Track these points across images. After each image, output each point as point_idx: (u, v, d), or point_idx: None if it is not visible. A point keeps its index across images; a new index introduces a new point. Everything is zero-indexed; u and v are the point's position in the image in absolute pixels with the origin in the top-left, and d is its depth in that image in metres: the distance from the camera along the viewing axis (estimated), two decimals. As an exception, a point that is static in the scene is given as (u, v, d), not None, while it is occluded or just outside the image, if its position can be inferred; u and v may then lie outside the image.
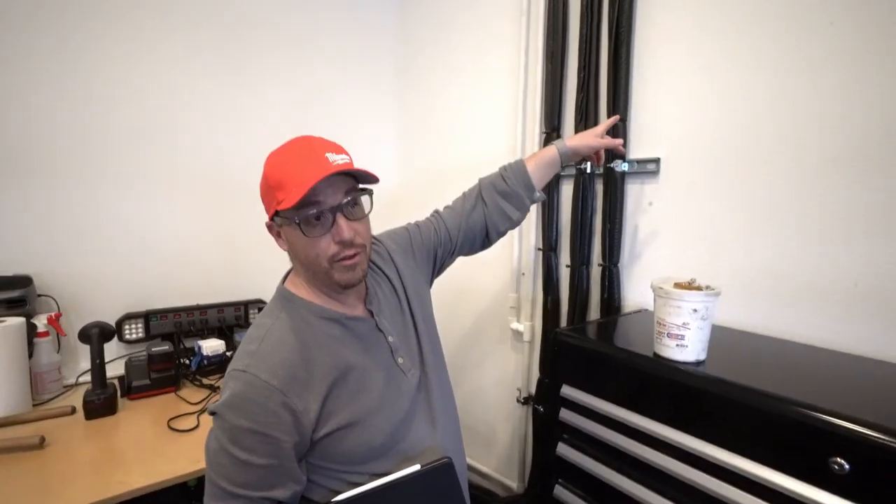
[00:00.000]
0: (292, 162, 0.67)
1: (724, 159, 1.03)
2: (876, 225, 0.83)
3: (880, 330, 0.83)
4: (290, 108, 1.77)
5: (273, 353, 0.67)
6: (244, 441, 0.62)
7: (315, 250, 0.68)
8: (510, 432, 1.60)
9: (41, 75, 1.33)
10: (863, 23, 0.83)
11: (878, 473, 0.57)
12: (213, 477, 0.64)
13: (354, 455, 0.70)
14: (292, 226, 0.68)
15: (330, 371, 0.69)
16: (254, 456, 0.62)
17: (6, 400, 1.13)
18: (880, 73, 0.82)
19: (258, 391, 0.63)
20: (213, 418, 0.65)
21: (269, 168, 0.69)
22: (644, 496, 0.80)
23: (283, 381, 0.65)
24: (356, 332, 0.75)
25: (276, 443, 0.63)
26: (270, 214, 0.71)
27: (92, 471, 0.96)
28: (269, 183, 0.68)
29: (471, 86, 1.67)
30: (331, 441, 0.68)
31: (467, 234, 0.95)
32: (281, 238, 0.73)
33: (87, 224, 1.42)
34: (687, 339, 0.78)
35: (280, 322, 0.71)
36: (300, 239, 0.68)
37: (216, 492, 0.63)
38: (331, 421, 0.68)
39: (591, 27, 1.24)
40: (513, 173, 0.97)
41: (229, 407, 0.63)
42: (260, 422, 0.63)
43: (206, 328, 1.57)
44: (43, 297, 1.34)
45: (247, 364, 0.65)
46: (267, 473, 0.63)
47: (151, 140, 1.50)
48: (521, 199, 0.97)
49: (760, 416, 0.67)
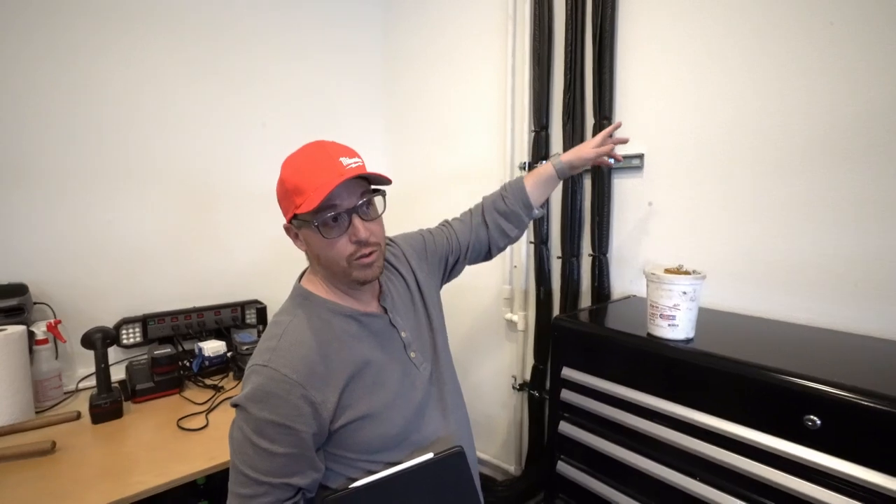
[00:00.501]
0: (309, 167, 0.70)
1: (703, 154, 1.12)
2: (843, 213, 0.92)
3: (848, 305, 0.93)
4: (280, 115, 1.79)
5: (292, 349, 0.70)
6: (267, 432, 0.66)
7: (334, 251, 0.72)
8: (507, 418, 1.67)
9: (35, 85, 1.32)
10: (835, 20, 0.92)
11: (845, 427, 0.65)
12: (237, 464, 0.67)
13: (370, 445, 0.74)
14: (311, 228, 0.71)
15: (347, 366, 0.73)
16: (276, 445, 0.66)
17: (11, 408, 1.13)
18: (845, 65, 0.91)
19: (279, 385, 0.67)
20: (237, 410, 0.69)
21: (286, 173, 0.72)
22: (640, 463, 0.88)
23: (303, 375, 0.68)
24: (371, 327, 0.79)
25: (297, 433, 0.67)
26: (289, 217, 0.74)
27: (107, 473, 0.98)
28: (286, 187, 0.72)
29: (460, 87, 1.72)
30: (348, 431, 0.72)
31: (473, 247, 1.02)
32: (299, 239, 0.77)
33: (80, 231, 1.41)
34: (678, 319, 0.85)
35: (298, 319, 0.74)
36: (319, 240, 0.72)
37: (241, 479, 0.67)
38: (348, 412, 0.72)
39: (575, 31, 1.30)
40: (512, 193, 1.03)
41: (252, 400, 0.67)
42: (281, 414, 0.66)
43: (203, 330, 1.58)
44: (38, 304, 1.33)
45: (268, 359, 0.69)
46: (288, 462, 0.67)
47: (142, 146, 1.50)
48: (520, 218, 1.03)
49: (742, 382, 0.75)
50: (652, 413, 0.86)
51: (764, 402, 0.73)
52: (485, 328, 1.72)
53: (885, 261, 0.88)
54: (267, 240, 1.73)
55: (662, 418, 0.85)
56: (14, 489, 0.92)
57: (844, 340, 0.89)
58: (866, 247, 0.90)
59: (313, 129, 1.87)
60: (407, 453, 0.78)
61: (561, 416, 1.05)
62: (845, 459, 0.65)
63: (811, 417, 0.67)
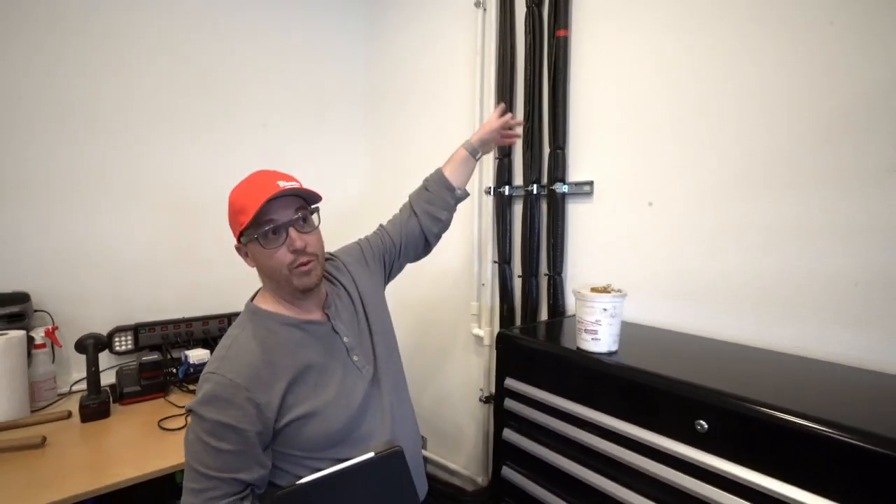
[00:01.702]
0: (250, 190, 0.82)
1: (644, 182, 1.22)
2: (759, 237, 1.01)
3: (755, 321, 1.02)
4: (264, 134, 1.93)
5: (238, 357, 0.80)
6: (216, 431, 0.75)
7: (274, 260, 0.82)
8: (475, 430, 1.74)
9: (35, 103, 1.45)
10: (762, 60, 1.03)
11: (729, 430, 0.73)
12: (190, 462, 0.76)
13: (315, 442, 0.83)
14: (254, 242, 0.82)
15: (289, 370, 0.82)
16: (223, 443, 0.75)
17: (9, 405, 1.24)
18: (763, 105, 1.01)
19: (226, 389, 0.76)
20: (191, 414, 0.78)
21: (232, 197, 0.85)
22: (571, 468, 0.96)
23: (247, 379, 0.78)
24: (315, 333, 0.89)
25: (242, 433, 0.76)
26: (237, 236, 0.85)
27: (89, 466, 1.08)
28: (234, 209, 0.83)
29: (432, 115, 1.87)
30: (293, 429, 0.81)
31: (408, 241, 1.11)
32: (248, 257, 0.87)
33: (78, 243, 1.54)
34: (600, 334, 0.94)
35: (245, 331, 0.84)
36: (262, 252, 0.82)
37: (193, 475, 0.76)
38: (291, 412, 0.81)
39: (534, 67, 1.42)
40: (433, 180, 1.14)
41: (203, 403, 0.76)
42: (229, 415, 0.75)
43: (191, 339, 1.69)
44: (39, 311, 1.45)
45: (216, 367, 0.79)
46: (235, 458, 0.76)
47: (136, 164, 1.63)
48: (445, 200, 1.12)
49: (647, 390, 0.83)
50: (578, 420, 0.94)
51: (662, 408, 0.81)
52: (454, 343, 1.81)
53: (787, 280, 0.97)
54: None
55: (587, 425, 0.93)
56: (5, 477, 1.03)
57: (748, 354, 0.98)
58: (780, 267, 0.99)
59: (298, 155, 2.02)
60: (351, 450, 0.86)
61: (505, 424, 1.13)
62: (728, 460, 0.73)
63: (700, 422, 0.76)
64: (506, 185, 1.54)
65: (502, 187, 1.54)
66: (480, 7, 1.60)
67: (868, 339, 0.89)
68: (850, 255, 0.90)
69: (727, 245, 1.07)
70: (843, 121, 0.90)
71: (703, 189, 1.10)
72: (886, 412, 0.71)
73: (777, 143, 0.98)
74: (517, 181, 1.53)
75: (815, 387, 0.82)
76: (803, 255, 0.96)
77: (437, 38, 1.83)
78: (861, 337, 0.89)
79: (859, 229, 0.89)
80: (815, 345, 0.94)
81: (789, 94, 0.96)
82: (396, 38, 2.05)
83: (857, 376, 0.85)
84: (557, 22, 1.35)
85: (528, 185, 1.44)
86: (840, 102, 0.90)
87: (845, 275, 0.91)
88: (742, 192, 1.04)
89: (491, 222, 1.61)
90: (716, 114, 1.07)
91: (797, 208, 0.96)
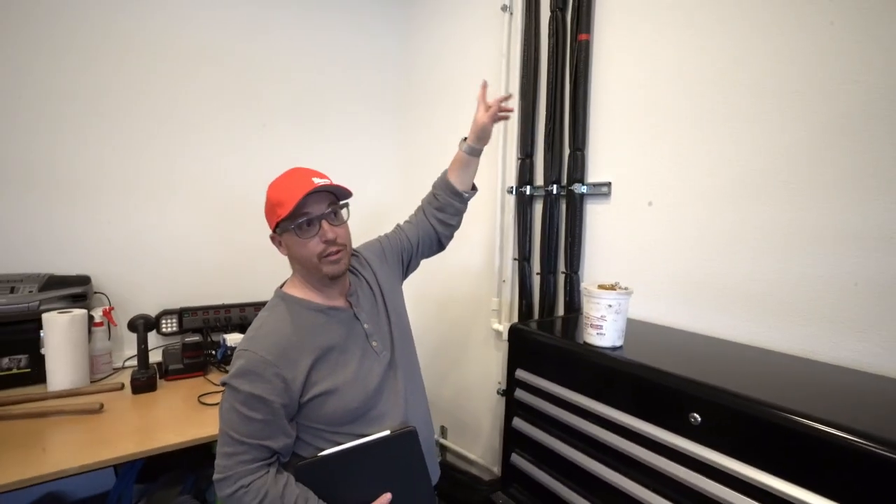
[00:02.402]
0: (287, 185, 0.91)
1: (658, 184, 1.24)
2: (766, 242, 1.02)
3: (755, 322, 1.04)
4: (299, 136, 2.05)
5: (268, 336, 0.89)
6: (247, 402, 0.84)
7: (307, 249, 0.91)
8: (492, 421, 1.80)
9: (89, 110, 1.61)
10: (757, 78, 1.04)
11: (721, 423, 0.76)
12: (224, 428, 0.86)
13: (334, 417, 0.91)
14: (290, 232, 0.91)
15: (314, 350, 0.91)
16: (254, 413, 0.84)
17: (73, 375, 1.40)
18: (761, 111, 1.02)
19: (257, 364, 0.85)
20: (226, 387, 0.87)
21: (270, 192, 0.93)
22: (574, 456, 1.00)
23: (276, 356, 0.87)
24: (337, 318, 0.97)
25: (270, 404, 0.85)
26: (273, 227, 0.94)
27: (139, 430, 1.21)
28: (272, 202, 0.92)
29: (459, 117, 1.92)
30: (315, 404, 0.90)
31: (423, 241, 1.19)
32: (282, 246, 0.96)
33: (134, 234, 1.70)
34: (605, 329, 0.98)
35: (274, 314, 0.94)
36: (296, 241, 0.91)
37: (226, 440, 0.85)
38: (314, 388, 0.89)
39: (556, 70, 1.46)
40: (440, 188, 1.19)
41: (236, 376, 0.85)
42: (259, 387, 0.84)
43: (229, 324, 1.82)
44: (97, 293, 1.62)
45: (248, 345, 0.88)
46: (263, 427, 0.85)
47: (185, 164, 1.78)
48: (454, 206, 1.19)
49: (645, 383, 0.87)
50: (582, 410, 0.99)
51: (659, 401, 0.85)
52: (474, 337, 1.87)
53: (784, 284, 0.98)
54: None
55: (590, 416, 0.97)
56: (70, 435, 1.17)
57: (744, 352, 1.00)
58: (778, 272, 1.00)
59: (332, 157, 2.13)
60: (367, 427, 0.94)
61: (515, 413, 1.18)
62: (719, 451, 0.75)
63: (694, 415, 0.79)
64: (527, 184, 1.58)
65: (523, 187, 1.59)
66: (507, 11, 1.65)
67: (860, 341, 0.89)
68: (855, 258, 0.90)
69: (740, 248, 1.07)
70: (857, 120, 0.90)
71: (717, 192, 1.11)
72: (867, 408, 0.72)
73: (798, 142, 0.99)
74: (538, 181, 1.57)
75: (805, 385, 0.83)
76: (816, 259, 0.96)
77: (465, 42, 1.89)
78: (853, 339, 0.90)
79: (877, 235, 0.89)
80: (814, 346, 0.95)
81: (805, 94, 0.97)
82: (426, 43, 2.12)
83: (843, 376, 0.86)
84: (580, 26, 1.38)
85: (549, 186, 1.48)
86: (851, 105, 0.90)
87: (845, 277, 0.91)
88: (758, 195, 1.04)
89: (512, 221, 1.65)
90: (734, 116, 1.08)
91: (809, 212, 0.97)
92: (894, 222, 0.86)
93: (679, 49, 1.18)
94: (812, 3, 0.95)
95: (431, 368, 2.05)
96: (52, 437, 1.16)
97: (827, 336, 0.94)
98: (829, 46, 0.93)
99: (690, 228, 1.17)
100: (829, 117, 0.93)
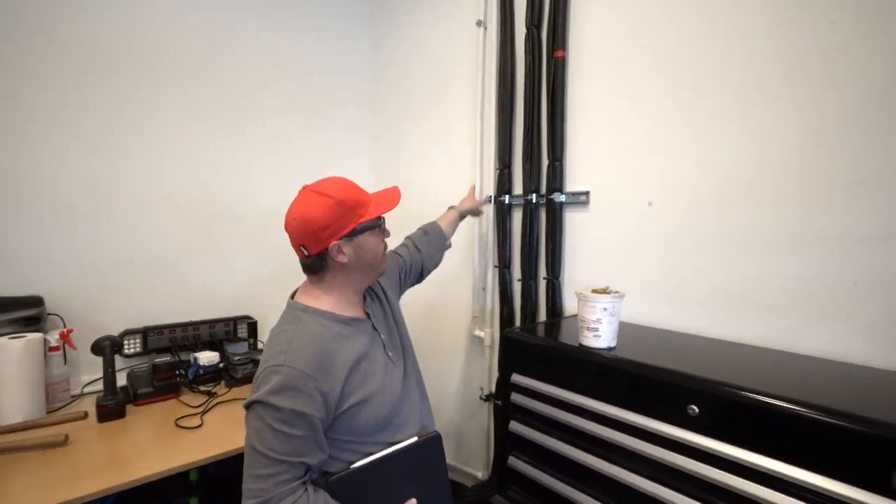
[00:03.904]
0: (357, 189, 0.95)
1: (635, 192, 1.33)
2: (745, 242, 1.13)
3: (737, 320, 1.13)
4: (272, 149, 1.99)
5: (302, 350, 0.86)
6: (287, 419, 0.80)
7: (380, 248, 0.97)
8: (475, 427, 1.82)
9: (47, 113, 1.49)
10: (747, 83, 1.15)
11: (718, 413, 0.83)
12: (258, 449, 0.80)
13: (365, 427, 0.90)
14: (374, 231, 0.95)
15: (347, 361, 0.89)
16: (294, 429, 0.81)
17: (28, 406, 1.27)
18: (744, 127, 1.13)
19: (296, 379, 0.82)
20: (255, 406, 0.82)
21: (342, 195, 0.90)
22: (576, 455, 1.04)
23: (314, 369, 0.84)
24: (360, 329, 0.97)
25: (311, 419, 0.82)
26: (348, 230, 0.90)
27: (114, 461, 1.12)
28: (348, 205, 0.90)
29: (436, 131, 1.96)
30: (348, 415, 0.88)
31: (414, 267, 1.27)
32: (342, 253, 0.92)
33: (88, 250, 1.57)
34: (601, 331, 1.04)
35: (301, 327, 0.90)
36: (374, 242, 0.95)
37: (261, 461, 0.80)
38: (350, 398, 0.88)
39: (534, 85, 1.53)
40: (432, 230, 1.37)
41: (274, 393, 0.81)
42: (299, 402, 0.81)
43: (198, 342, 1.73)
44: (51, 315, 1.48)
45: (283, 359, 0.84)
46: (303, 443, 0.82)
47: (145, 174, 1.67)
48: (441, 245, 1.37)
49: (645, 380, 0.93)
50: (582, 410, 1.04)
51: (658, 395, 0.91)
52: (456, 344, 1.89)
53: (772, 284, 1.09)
54: (259, 261, 1.91)
55: (590, 414, 1.02)
56: (35, 473, 1.06)
57: (732, 349, 1.09)
58: (760, 272, 1.11)
59: (307, 164, 2.09)
60: (392, 434, 0.94)
61: (511, 417, 1.22)
62: (718, 439, 0.82)
63: (692, 406, 0.86)
64: (506, 193, 1.64)
65: (503, 196, 1.64)
66: (482, 27, 1.71)
67: (841, 334, 1.01)
68: (837, 260, 1.00)
69: (712, 250, 1.18)
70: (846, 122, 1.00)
71: (691, 199, 1.22)
72: (847, 392, 0.82)
73: (763, 157, 1.10)
74: (517, 190, 1.63)
75: (793, 375, 0.93)
76: (785, 259, 1.07)
77: (440, 52, 1.92)
78: (838, 333, 1.01)
79: (854, 236, 0.99)
80: (794, 340, 1.06)
81: (782, 104, 1.06)
82: (401, 48, 2.13)
83: (829, 367, 0.97)
84: (556, 43, 1.46)
85: (528, 195, 1.54)
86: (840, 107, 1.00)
87: (826, 277, 1.02)
88: (726, 201, 1.15)
89: (492, 229, 1.70)
90: (705, 129, 1.18)
91: (778, 217, 1.08)
92: (882, 224, 0.95)
93: (655, 63, 1.28)
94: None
95: (410, 378, 2.04)
96: (12, 478, 1.05)
97: (809, 330, 1.04)
98: (827, 45, 1.00)
99: (670, 234, 1.26)
100: (808, 125, 1.03)
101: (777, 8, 1.06)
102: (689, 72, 1.21)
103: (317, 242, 0.91)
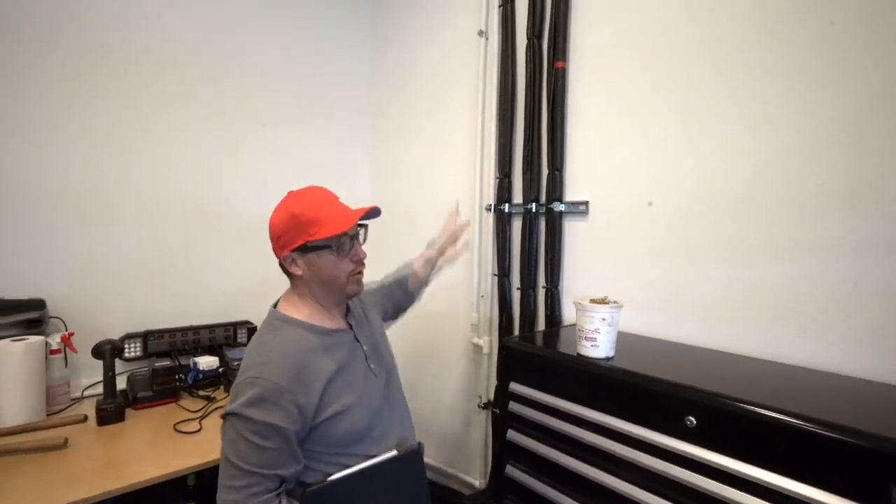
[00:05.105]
0: (323, 205, 0.92)
1: (633, 202, 1.33)
2: (744, 253, 1.13)
3: (735, 330, 1.13)
4: (273, 154, 2.02)
5: (279, 361, 0.86)
6: (261, 431, 0.81)
7: (340, 269, 0.93)
8: (473, 435, 1.82)
9: (50, 117, 1.51)
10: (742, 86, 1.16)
11: (716, 425, 0.83)
12: (233, 460, 0.81)
13: (342, 438, 0.90)
14: (324, 251, 0.91)
15: (325, 372, 0.90)
16: (267, 442, 0.81)
17: (28, 409, 1.28)
18: (733, 134, 1.14)
19: (272, 392, 0.83)
20: (231, 418, 0.83)
21: (300, 209, 0.90)
22: (573, 465, 1.04)
23: (290, 381, 0.85)
24: (341, 340, 0.98)
25: (284, 432, 0.82)
26: (296, 246, 0.91)
27: (112, 465, 1.13)
28: (300, 221, 0.90)
29: (436, 139, 1.97)
30: (326, 426, 0.88)
31: (396, 306, 1.31)
32: (296, 265, 0.94)
33: (90, 253, 1.59)
34: (598, 341, 1.04)
35: (280, 338, 0.91)
36: (330, 262, 0.92)
37: (235, 472, 0.81)
38: (328, 409, 0.88)
39: (534, 95, 1.54)
40: (411, 276, 1.33)
41: (249, 405, 0.82)
42: (274, 415, 0.82)
43: (198, 346, 1.74)
44: (52, 318, 1.49)
45: (259, 372, 0.84)
46: (277, 455, 0.83)
47: (148, 178, 1.69)
48: (421, 291, 1.37)
49: (642, 391, 0.93)
50: (579, 419, 1.04)
51: (655, 406, 0.91)
52: (454, 352, 1.89)
53: (770, 294, 1.09)
54: (258, 266, 1.92)
55: (587, 424, 1.02)
56: (34, 475, 1.07)
57: (733, 360, 1.09)
58: (759, 282, 1.11)
59: (306, 171, 2.10)
60: (370, 446, 0.94)
61: (509, 425, 1.22)
62: (715, 451, 0.82)
63: (690, 418, 0.86)
64: (506, 202, 1.64)
65: (502, 205, 1.65)
66: (483, 36, 1.72)
67: (838, 345, 1.01)
68: (836, 269, 1.00)
69: (712, 260, 1.18)
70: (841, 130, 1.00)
71: (690, 209, 1.22)
72: (845, 404, 0.82)
73: (763, 173, 1.10)
74: (517, 199, 1.64)
75: (792, 387, 0.93)
76: (781, 268, 1.07)
77: (441, 61, 1.94)
78: (830, 344, 1.01)
79: (852, 243, 0.98)
80: (792, 351, 1.06)
81: (781, 111, 1.06)
82: (402, 56, 2.15)
83: (828, 379, 0.97)
84: (556, 54, 1.47)
85: (528, 204, 1.55)
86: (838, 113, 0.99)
87: (825, 285, 1.02)
88: (725, 212, 1.16)
89: (491, 237, 1.71)
90: (705, 141, 1.19)
91: (766, 225, 1.09)
92: (879, 234, 0.95)
93: (655, 74, 1.28)
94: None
95: (407, 384, 2.04)
96: (11, 480, 1.05)
97: (802, 342, 1.04)
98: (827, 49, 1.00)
99: (668, 244, 1.26)
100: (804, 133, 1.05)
101: (775, 17, 1.07)
102: (689, 83, 1.22)
103: (277, 248, 0.94)
